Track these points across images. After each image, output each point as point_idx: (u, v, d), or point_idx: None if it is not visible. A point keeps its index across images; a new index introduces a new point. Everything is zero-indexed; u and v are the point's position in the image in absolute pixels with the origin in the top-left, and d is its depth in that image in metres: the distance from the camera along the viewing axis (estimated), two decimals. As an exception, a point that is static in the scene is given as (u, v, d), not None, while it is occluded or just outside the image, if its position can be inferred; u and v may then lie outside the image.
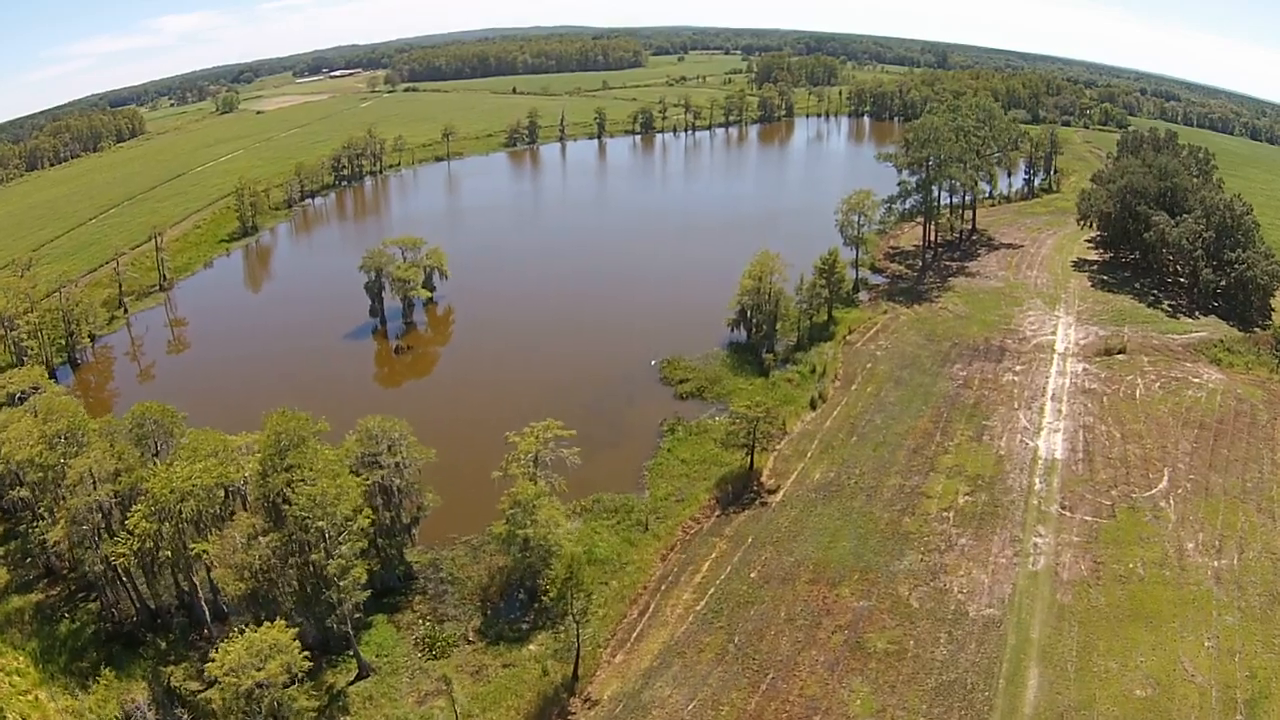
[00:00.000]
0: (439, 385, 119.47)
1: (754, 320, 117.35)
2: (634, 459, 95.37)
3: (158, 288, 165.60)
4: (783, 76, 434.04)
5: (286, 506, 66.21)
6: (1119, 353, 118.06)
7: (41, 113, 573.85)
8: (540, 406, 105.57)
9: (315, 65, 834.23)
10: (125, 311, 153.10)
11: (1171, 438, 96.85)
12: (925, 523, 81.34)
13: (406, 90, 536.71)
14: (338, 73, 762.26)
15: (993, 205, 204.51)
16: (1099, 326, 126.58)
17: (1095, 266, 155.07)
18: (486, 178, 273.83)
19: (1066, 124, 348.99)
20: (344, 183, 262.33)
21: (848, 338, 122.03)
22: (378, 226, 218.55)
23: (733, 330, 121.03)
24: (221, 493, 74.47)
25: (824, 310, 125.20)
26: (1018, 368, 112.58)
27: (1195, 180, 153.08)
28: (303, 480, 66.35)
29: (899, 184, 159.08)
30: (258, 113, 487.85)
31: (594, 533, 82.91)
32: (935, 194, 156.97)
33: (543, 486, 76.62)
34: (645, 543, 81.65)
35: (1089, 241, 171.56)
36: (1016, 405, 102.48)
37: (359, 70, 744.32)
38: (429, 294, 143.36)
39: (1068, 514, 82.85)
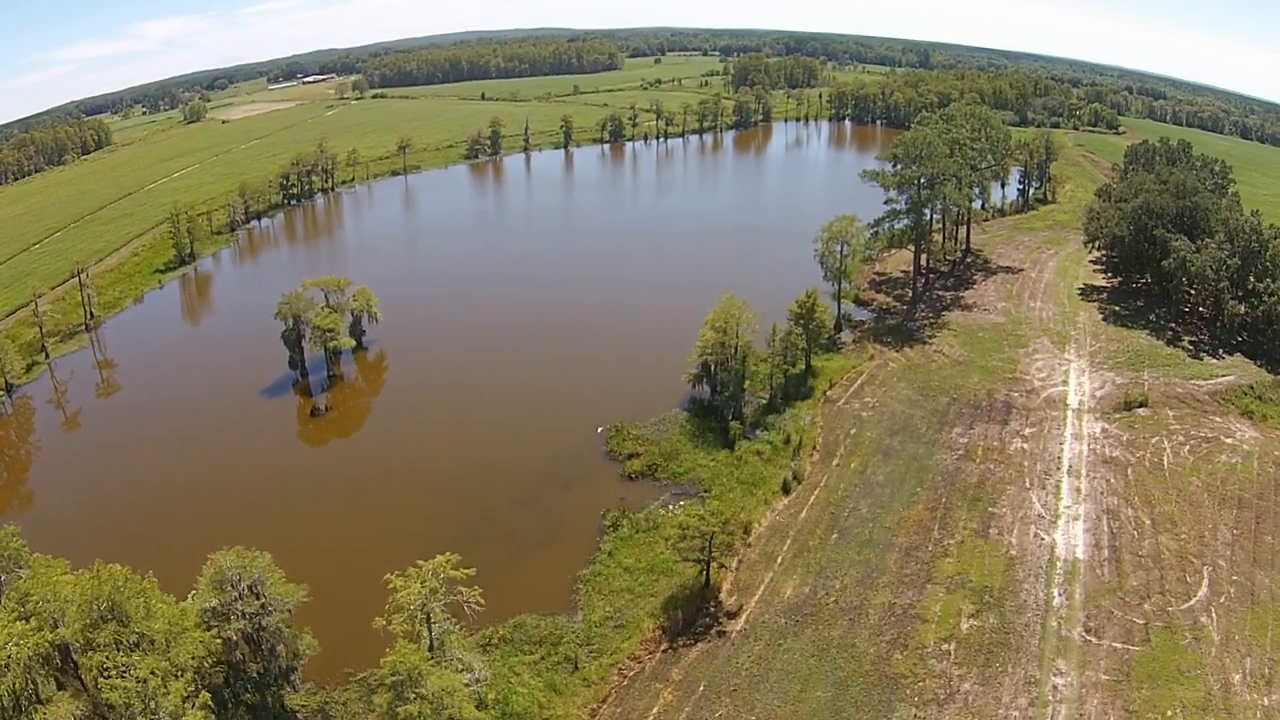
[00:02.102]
0: (352, 459, 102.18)
1: (718, 377, 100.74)
2: (568, 564, 78.74)
3: (84, 327, 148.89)
4: (760, 79, 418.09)
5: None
6: (1140, 406, 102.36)
7: (17, 121, 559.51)
8: (463, 495, 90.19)
9: (290, 70, 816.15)
10: (46, 356, 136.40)
11: (1208, 522, 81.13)
12: (920, 660, 65.01)
13: (375, 97, 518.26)
14: (311, 78, 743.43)
15: (986, 220, 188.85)
16: (1115, 373, 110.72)
17: (1105, 295, 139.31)
18: (442, 194, 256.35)
19: (1055, 125, 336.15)
20: (293, 202, 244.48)
21: (828, 393, 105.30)
22: (325, 251, 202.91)
23: (694, 386, 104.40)
24: (49, 659, 58.21)
25: (801, 360, 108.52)
26: (1027, 430, 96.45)
27: (1213, 197, 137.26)
28: (116, 668, 50.53)
29: (885, 202, 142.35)
30: (223, 122, 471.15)
31: (511, 673, 66.40)
32: (928, 216, 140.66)
33: (441, 629, 60.46)
34: (573, 689, 65.18)
35: (1094, 263, 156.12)
36: (1028, 484, 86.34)
37: (333, 76, 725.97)
38: (353, 343, 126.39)
39: (1093, 640, 66.72)
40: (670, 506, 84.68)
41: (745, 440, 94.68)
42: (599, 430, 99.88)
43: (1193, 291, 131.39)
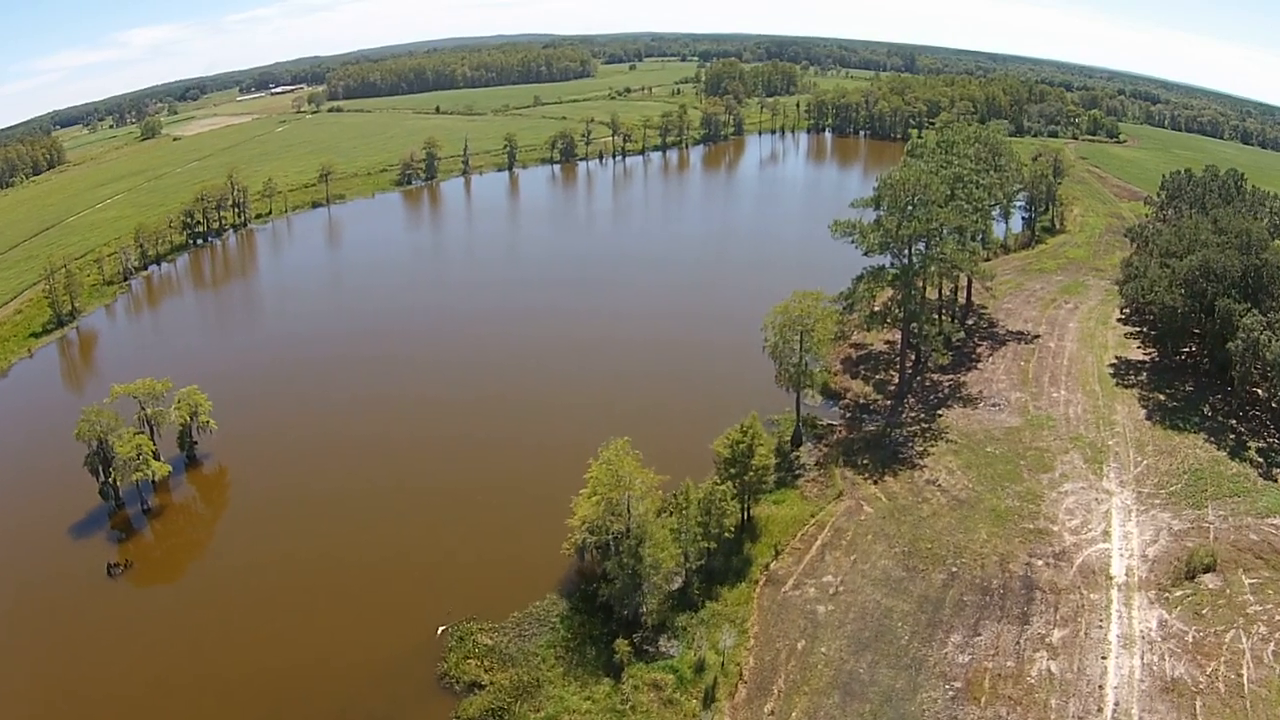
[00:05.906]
0: (109, 669, 70.50)
1: (604, 563, 69.57)
2: None
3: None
4: (734, 86, 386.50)
5: None
6: (1206, 571, 72.36)
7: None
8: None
9: (262, 81, 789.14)
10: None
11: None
12: None
13: (331, 110, 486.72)
14: (280, 89, 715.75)
15: (987, 260, 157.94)
16: (1171, 512, 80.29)
17: (1144, 375, 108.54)
18: (359, 230, 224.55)
19: (1053, 134, 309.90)
20: (199, 242, 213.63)
21: (772, 568, 73.78)
22: (226, 300, 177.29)
23: (580, 558, 73.77)
24: None
25: (735, 513, 76.87)
26: (1056, 635, 65.67)
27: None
28: None
29: (866, 252, 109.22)
30: (175, 139, 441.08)
31: None
32: (921, 284, 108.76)
33: None
34: None
35: (1124, 322, 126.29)
36: (1063, 752, 55.91)
37: (303, 85, 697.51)
38: (168, 470, 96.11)
39: None
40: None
41: (639, 663, 63.63)
42: (439, 632, 69.36)
43: (1256, 372, 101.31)
